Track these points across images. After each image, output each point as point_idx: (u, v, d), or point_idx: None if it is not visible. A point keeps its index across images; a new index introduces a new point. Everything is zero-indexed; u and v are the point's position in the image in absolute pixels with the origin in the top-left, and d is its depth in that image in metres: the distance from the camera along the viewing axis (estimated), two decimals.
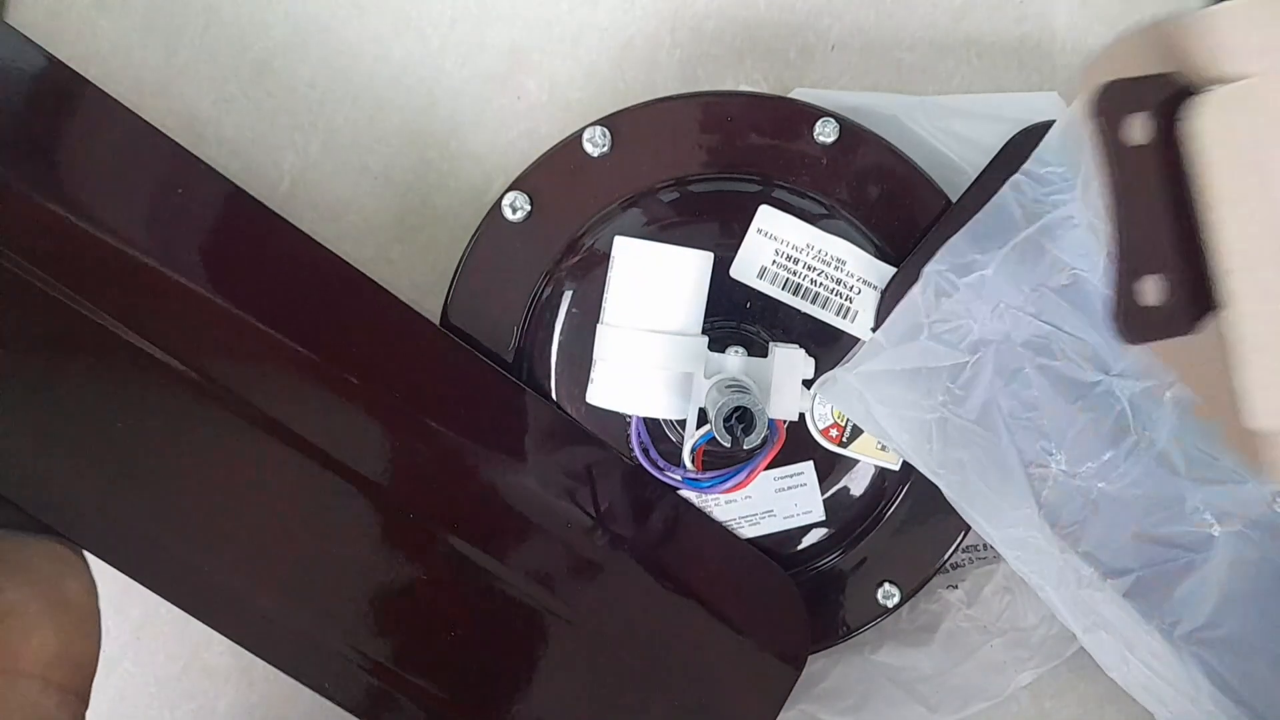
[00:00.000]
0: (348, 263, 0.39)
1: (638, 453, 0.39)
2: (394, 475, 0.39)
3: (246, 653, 0.38)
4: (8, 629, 0.32)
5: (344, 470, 0.39)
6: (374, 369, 0.39)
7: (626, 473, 0.41)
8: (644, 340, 0.36)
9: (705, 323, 0.38)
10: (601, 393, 0.37)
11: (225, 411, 0.38)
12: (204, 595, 0.38)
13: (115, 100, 0.37)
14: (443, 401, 0.40)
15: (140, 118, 0.37)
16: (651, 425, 0.41)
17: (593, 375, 0.38)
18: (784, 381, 0.39)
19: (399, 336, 0.40)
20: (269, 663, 0.38)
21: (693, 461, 0.39)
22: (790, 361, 0.39)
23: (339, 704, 0.39)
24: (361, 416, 0.39)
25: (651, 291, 0.37)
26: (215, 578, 0.38)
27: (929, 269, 0.39)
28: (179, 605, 0.37)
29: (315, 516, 0.39)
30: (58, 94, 0.36)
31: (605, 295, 0.37)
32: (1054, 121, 0.39)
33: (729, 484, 0.39)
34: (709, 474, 0.39)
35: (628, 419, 0.40)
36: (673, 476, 0.39)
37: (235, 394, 0.38)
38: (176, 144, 0.37)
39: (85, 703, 0.35)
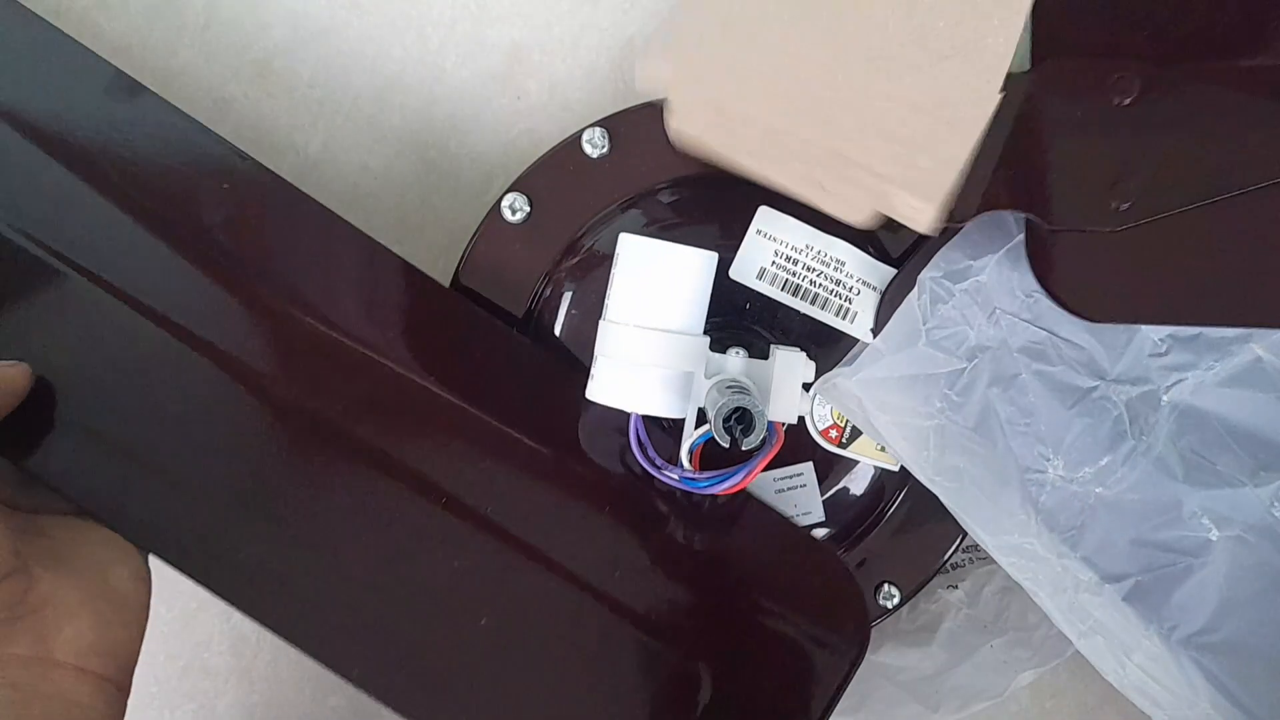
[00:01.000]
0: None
1: (636, 450, 0.39)
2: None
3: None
4: (43, 619, 0.33)
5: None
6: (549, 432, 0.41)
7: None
8: (646, 338, 0.36)
9: (706, 323, 0.38)
10: (601, 389, 0.37)
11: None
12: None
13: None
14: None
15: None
16: (650, 424, 0.41)
17: (593, 371, 0.37)
18: (784, 384, 0.39)
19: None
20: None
21: (691, 461, 0.39)
22: (791, 364, 0.39)
23: None
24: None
25: (655, 289, 0.37)
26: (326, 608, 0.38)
27: (925, 275, 0.38)
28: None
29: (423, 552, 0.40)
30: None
31: (608, 291, 0.37)
32: None
33: (727, 484, 0.38)
34: (707, 474, 0.39)
35: (627, 416, 0.40)
36: (670, 476, 0.39)
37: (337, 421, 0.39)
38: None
39: (125, 692, 0.35)
